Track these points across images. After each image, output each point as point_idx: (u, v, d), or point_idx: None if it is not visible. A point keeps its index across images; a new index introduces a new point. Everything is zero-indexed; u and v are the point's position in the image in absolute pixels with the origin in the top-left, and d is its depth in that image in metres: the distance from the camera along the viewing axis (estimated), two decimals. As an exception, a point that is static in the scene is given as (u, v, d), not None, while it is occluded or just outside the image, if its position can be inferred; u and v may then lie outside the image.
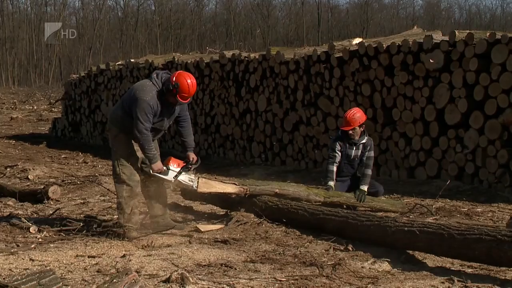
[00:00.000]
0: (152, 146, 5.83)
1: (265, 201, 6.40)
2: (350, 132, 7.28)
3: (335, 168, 7.29)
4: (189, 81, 5.78)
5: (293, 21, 50.48)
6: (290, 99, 11.28)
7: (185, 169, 6.02)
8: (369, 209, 7.07)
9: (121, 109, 5.99)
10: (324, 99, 10.68)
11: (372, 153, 7.43)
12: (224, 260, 4.96)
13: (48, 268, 4.56)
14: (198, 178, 6.12)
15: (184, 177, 6.01)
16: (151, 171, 5.87)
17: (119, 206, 5.92)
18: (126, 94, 6.21)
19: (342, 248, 5.39)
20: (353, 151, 7.35)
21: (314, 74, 10.83)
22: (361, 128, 7.34)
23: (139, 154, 5.94)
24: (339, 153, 7.32)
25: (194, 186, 6.09)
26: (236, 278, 4.49)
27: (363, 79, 10.07)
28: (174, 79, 5.77)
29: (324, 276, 4.57)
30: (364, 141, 7.38)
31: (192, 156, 6.10)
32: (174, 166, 5.98)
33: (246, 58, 12.06)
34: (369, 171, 7.32)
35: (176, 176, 5.96)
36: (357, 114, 7.32)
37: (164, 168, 5.91)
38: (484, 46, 8.52)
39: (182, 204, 7.39)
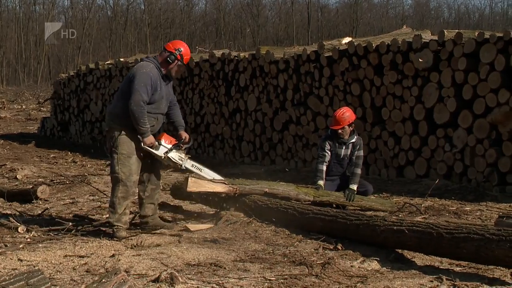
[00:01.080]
0: (146, 120, 5.76)
1: (254, 201, 6.40)
2: (340, 131, 7.29)
3: (324, 168, 7.30)
4: (187, 46, 6.05)
5: (283, 21, 50.50)
6: (280, 98, 11.29)
7: (176, 147, 6.02)
8: (359, 208, 7.08)
9: (120, 101, 5.88)
10: (313, 98, 10.70)
11: (361, 152, 7.44)
12: (214, 259, 4.96)
13: (37, 268, 4.54)
14: (187, 158, 6.11)
15: (174, 155, 6.00)
16: (142, 144, 5.83)
17: (112, 205, 5.87)
18: (122, 84, 6.14)
19: (331, 247, 5.40)
20: (343, 150, 7.36)
21: (303, 74, 10.85)
22: (350, 127, 7.36)
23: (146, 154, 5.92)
24: (329, 153, 7.34)
25: (183, 166, 6.09)
26: (226, 277, 4.49)
27: (352, 78, 10.09)
28: (172, 47, 5.97)
29: (313, 275, 4.58)
30: (353, 140, 7.39)
31: (185, 135, 6.13)
32: (166, 143, 5.98)
33: (236, 58, 12.05)
34: (359, 170, 7.33)
35: (166, 152, 5.95)
36: (346, 113, 7.34)
37: (156, 143, 5.90)
38: (473, 46, 8.56)
39: (172, 204, 7.38)
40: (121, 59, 15.49)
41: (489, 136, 8.48)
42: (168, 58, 5.89)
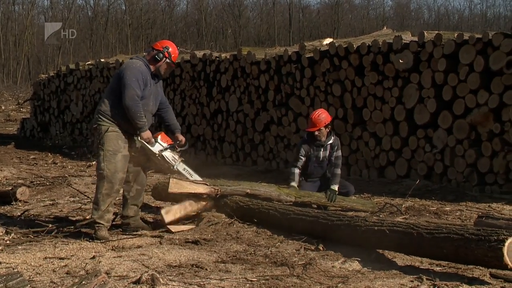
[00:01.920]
0: (142, 114, 5.78)
1: (236, 201, 6.40)
2: (316, 133, 7.30)
3: (297, 171, 7.33)
4: (174, 45, 6.09)
5: (265, 21, 50.53)
6: (261, 99, 11.29)
7: (171, 147, 6.06)
8: (340, 208, 7.11)
9: (109, 98, 5.89)
10: (295, 99, 10.72)
11: (339, 153, 7.47)
12: (195, 260, 4.95)
13: (16, 270, 4.50)
14: (180, 161, 6.14)
15: (168, 154, 6.04)
16: (139, 138, 5.86)
17: (96, 201, 5.84)
18: (111, 82, 6.18)
19: (312, 247, 5.41)
20: (321, 152, 7.38)
21: (285, 74, 10.86)
22: (327, 129, 7.36)
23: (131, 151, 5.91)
24: (303, 158, 7.34)
25: (175, 167, 6.12)
26: (207, 278, 4.48)
27: (333, 79, 10.12)
28: (159, 46, 6.01)
29: (294, 276, 4.59)
30: (331, 141, 7.40)
31: (181, 137, 6.19)
32: (163, 141, 6.03)
33: (217, 58, 12.04)
34: (338, 171, 7.36)
35: (161, 150, 5.98)
36: (322, 115, 7.34)
37: (153, 139, 5.94)
38: (452, 47, 8.63)
39: (153, 205, 7.36)
40: (102, 60, 15.41)
41: (468, 136, 8.55)
42: (156, 56, 5.94)
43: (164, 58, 5.96)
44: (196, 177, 6.33)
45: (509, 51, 8.03)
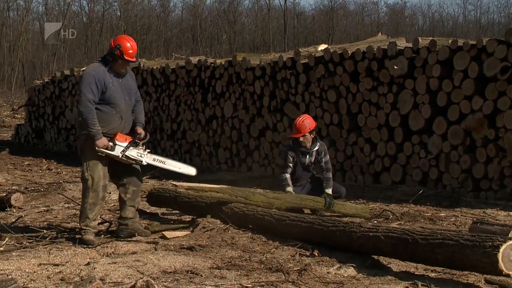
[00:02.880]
0: (96, 121, 5.69)
1: (231, 208, 6.39)
2: (301, 139, 7.26)
3: (288, 176, 7.29)
4: (129, 39, 5.93)
5: (260, 27, 50.58)
6: (257, 105, 11.30)
7: (133, 144, 5.91)
8: (335, 214, 7.11)
9: None
10: (290, 105, 10.73)
11: (328, 157, 7.45)
12: (190, 267, 4.94)
13: (10, 277, 4.48)
14: (147, 153, 6.00)
15: (132, 152, 5.91)
16: (96, 148, 5.75)
17: (83, 210, 5.87)
18: None
19: (308, 253, 5.40)
20: (307, 158, 7.36)
21: (280, 80, 10.88)
22: (311, 135, 7.32)
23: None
24: (291, 164, 7.31)
25: (143, 162, 6.00)
26: (202, 285, 4.47)
27: (328, 85, 10.14)
28: (113, 44, 5.85)
29: (290, 281, 4.58)
30: (316, 148, 7.36)
31: (140, 130, 6.02)
32: (121, 141, 5.87)
33: (212, 64, 12.05)
34: (330, 174, 7.36)
35: (123, 151, 5.86)
36: (306, 121, 7.31)
37: (111, 144, 5.81)
38: (447, 53, 8.66)
39: (148, 211, 7.35)
40: (97, 66, 15.38)
41: (463, 142, 8.57)
42: (108, 56, 5.85)
43: (116, 58, 5.80)
44: (169, 162, 6.24)
45: (503, 57, 8.07)
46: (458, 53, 8.59)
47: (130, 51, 5.85)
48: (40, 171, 12.10)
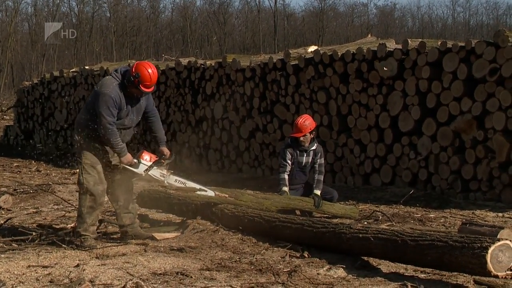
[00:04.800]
0: (119, 140, 5.69)
1: (221, 209, 6.39)
2: (301, 138, 7.34)
3: (286, 176, 7.35)
4: (150, 70, 5.69)
5: (250, 29, 50.59)
6: (247, 106, 11.30)
7: (157, 163, 5.93)
8: (325, 215, 7.13)
9: (86, 112, 5.83)
10: (280, 106, 10.74)
11: (323, 160, 7.51)
12: (180, 268, 4.93)
13: (-1, 279, 4.46)
14: (169, 174, 6.03)
15: (155, 172, 5.92)
16: (120, 163, 5.76)
17: (80, 215, 5.77)
18: (90, 95, 6.02)
19: (298, 255, 5.41)
20: (304, 158, 7.42)
21: (270, 82, 10.88)
22: (311, 135, 7.42)
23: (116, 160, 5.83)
24: (290, 162, 7.37)
25: (165, 182, 6.01)
26: (192, 286, 4.47)
27: (318, 86, 10.16)
28: (134, 70, 5.66)
29: (280, 283, 4.58)
30: (314, 147, 7.45)
31: (166, 151, 6.03)
32: (147, 160, 5.88)
33: (202, 66, 12.04)
34: (321, 177, 7.41)
35: (147, 170, 5.86)
36: (307, 121, 7.41)
37: (135, 161, 5.82)
38: (436, 55, 8.69)
39: (138, 212, 7.32)
40: (86, 67, 15.35)
41: (452, 143, 8.60)
42: (126, 81, 5.71)
43: (133, 85, 5.69)
44: (190, 184, 6.29)
45: (491, 59, 8.11)
46: (447, 54, 8.62)
47: (148, 83, 5.69)
48: (29, 172, 12.04)
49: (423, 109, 8.91)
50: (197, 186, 6.34)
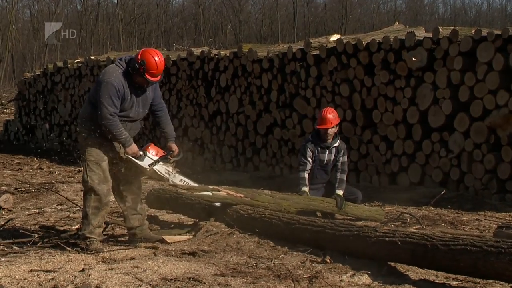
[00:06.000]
0: (121, 130, 5.67)
1: (236, 210, 6.40)
2: (328, 131, 7.33)
3: (306, 175, 7.34)
4: (157, 58, 5.69)
5: (267, 16, 50.56)
6: (264, 99, 11.31)
7: (164, 159, 5.93)
8: (348, 217, 7.12)
9: (89, 105, 5.83)
10: (300, 100, 10.73)
11: (346, 158, 7.50)
12: (192, 273, 4.95)
13: (-1, 284, 4.51)
14: (175, 172, 6.04)
15: (160, 168, 5.92)
16: (125, 154, 5.76)
17: (85, 216, 5.79)
18: (93, 86, 6.03)
19: (319, 260, 5.41)
20: (326, 155, 7.40)
21: (289, 73, 10.88)
22: (335, 129, 7.42)
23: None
24: (310, 160, 7.36)
25: (170, 180, 6.02)
26: (205, 293, 4.48)
27: (341, 78, 10.14)
28: (139, 57, 5.67)
29: (300, 290, 4.59)
30: (336, 144, 7.44)
31: (174, 147, 6.03)
32: (153, 154, 5.89)
33: (216, 56, 12.07)
34: (344, 176, 7.40)
35: (152, 164, 5.86)
36: (332, 114, 7.42)
37: (141, 153, 5.82)
38: (470, 44, 8.64)
39: (147, 213, 7.35)
40: (92, 57, 15.43)
41: (487, 140, 8.55)
42: (130, 69, 5.71)
43: (138, 73, 5.70)
44: (196, 185, 6.31)
45: (531, 49, 8.04)
46: (482, 43, 8.57)
47: (154, 71, 5.69)
48: (31, 170, 12.14)
49: (455, 103, 8.86)
50: (205, 187, 6.35)
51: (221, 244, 5.89)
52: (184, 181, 6.20)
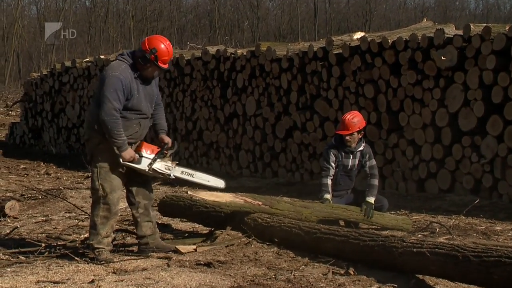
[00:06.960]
0: (121, 131, 5.65)
1: (254, 218, 6.41)
2: (347, 137, 7.30)
3: (329, 181, 7.31)
4: (166, 43, 5.78)
5: (286, 13, 50.63)
6: (283, 101, 11.32)
7: (160, 155, 5.91)
8: (373, 226, 7.10)
9: (96, 108, 5.78)
10: (321, 101, 10.73)
11: (373, 162, 7.46)
12: (208, 285, 4.96)
13: (5, 295, 4.54)
14: (175, 165, 6.02)
15: (159, 165, 5.91)
16: (121, 160, 5.73)
17: (93, 226, 5.81)
18: (97, 86, 6.05)
19: (342, 272, 5.40)
20: (350, 160, 7.37)
21: (310, 73, 10.88)
22: (359, 135, 7.37)
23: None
24: (333, 165, 7.34)
25: (171, 175, 6.01)
26: (221, 306, 4.48)
27: (365, 79, 10.13)
28: (147, 46, 5.70)
29: (321, 304, 4.58)
30: (361, 148, 7.40)
31: (167, 139, 6.00)
32: (148, 153, 5.87)
33: (233, 55, 12.09)
34: (375, 181, 7.34)
35: (150, 164, 5.85)
36: (356, 118, 7.35)
37: (137, 156, 5.81)
38: (503, 42, 8.60)
39: (160, 221, 7.38)
40: (102, 56, 15.55)
41: (522, 145, 8.50)
42: (140, 59, 5.73)
43: (149, 64, 5.73)
44: (198, 175, 6.26)
45: None
46: (516, 41, 8.53)
47: (166, 58, 5.76)
48: (37, 175, 12.23)
49: (488, 104, 8.82)
50: (207, 177, 6.30)
51: (238, 255, 5.89)
52: (186, 172, 6.17)
